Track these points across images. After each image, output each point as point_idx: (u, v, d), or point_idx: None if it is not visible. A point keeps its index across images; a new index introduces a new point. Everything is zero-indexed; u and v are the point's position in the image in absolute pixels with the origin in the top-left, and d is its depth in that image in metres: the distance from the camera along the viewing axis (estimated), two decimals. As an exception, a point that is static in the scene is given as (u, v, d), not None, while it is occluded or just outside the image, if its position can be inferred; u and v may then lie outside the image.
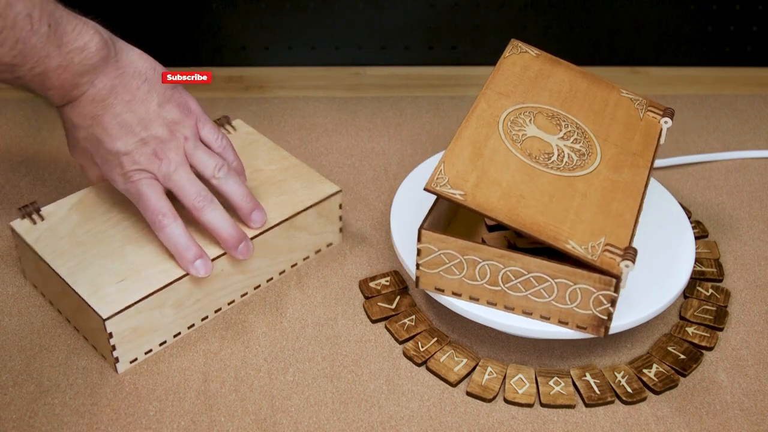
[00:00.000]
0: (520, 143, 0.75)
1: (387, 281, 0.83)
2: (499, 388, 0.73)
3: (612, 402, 0.72)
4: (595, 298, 0.70)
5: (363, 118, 1.06)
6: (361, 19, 1.12)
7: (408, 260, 0.78)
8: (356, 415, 0.71)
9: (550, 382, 0.73)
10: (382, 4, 1.11)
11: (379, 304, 0.80)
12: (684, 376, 0.75)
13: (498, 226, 0.81)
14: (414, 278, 0.76)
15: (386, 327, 0.79)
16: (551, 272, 0.70)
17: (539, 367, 0.76)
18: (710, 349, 0.77)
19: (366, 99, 1.08)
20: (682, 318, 0.80)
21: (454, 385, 0.74)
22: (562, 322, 0.72)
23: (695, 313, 0.80)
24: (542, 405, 0.72)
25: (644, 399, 0.73)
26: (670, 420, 0.71)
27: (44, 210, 0.79)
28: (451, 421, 0.71)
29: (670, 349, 0.77)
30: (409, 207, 0.84)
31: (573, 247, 0.68)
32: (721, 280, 0.84)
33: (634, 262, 0.68)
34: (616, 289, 0.68)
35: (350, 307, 0.81)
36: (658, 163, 1.00)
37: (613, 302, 0.69)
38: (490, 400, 0.72)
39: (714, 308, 0.81)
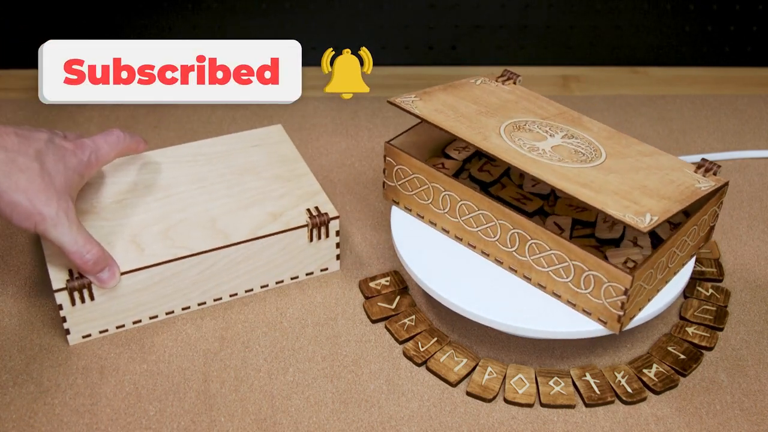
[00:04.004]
0: (562, 159, 0.75)
1: (387, 281, 0.83)
2: (499, 388, 0.73)
3: (612, 402, 0.72)
4: (711, 213, 0.78)
5: (363, 118, 1.06)
6: (361, 19, 1.12)
7: (408, 260, 0.78)
8: (356, 415, 0.71)
9: (550, 382, 0.73)
10: (382, 4, 1.11)
11: (379, 304, 0.80)
12: (684, 376, 0.75)
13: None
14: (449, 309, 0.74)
15: (386, 327, 0.78)
16: (690, 223, 0.74)
17: (539, 367, 0.75)
18: (710, 349, 0.77)
19: (366, 99, 1.08)
20: (682, 318, 0.80)
21: (454, 385, 0.74)
22: (688, 256, 0.78)
23: (695, 313, 0.80)
24: (542, 405, 0.72)
25: (644, 399, 0.73)
26: (670, 420, 0.71)
27: None
28: (451, 421, 0.71)
29: (670, 349, 0.77)
30: (409, 207, 0.84)
31: (705, 187, 0.74)
32: (721, 280, 0.84)
33: (718, 165, 0.77)
34: (725, 193, 0.78)
35: (350, 307, 0.81)
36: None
37: (720, 204, 0.79)
38: (490, 400, 0.72)
39: (714, 308, 0.81)
